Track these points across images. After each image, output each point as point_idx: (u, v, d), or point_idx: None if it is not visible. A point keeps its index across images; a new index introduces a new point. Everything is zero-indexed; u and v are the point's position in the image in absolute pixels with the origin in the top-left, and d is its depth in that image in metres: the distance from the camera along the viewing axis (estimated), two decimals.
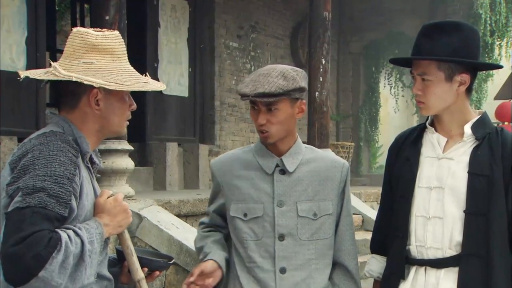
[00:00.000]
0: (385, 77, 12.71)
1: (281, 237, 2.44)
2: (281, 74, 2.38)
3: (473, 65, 2.43)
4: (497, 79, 11.60)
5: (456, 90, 2.41)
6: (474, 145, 2.43)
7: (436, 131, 2.51)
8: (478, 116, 2.48)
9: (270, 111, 2.38)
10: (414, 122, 12.72)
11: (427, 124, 2.55)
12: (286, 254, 2.45)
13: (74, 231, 1.88)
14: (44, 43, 7.05)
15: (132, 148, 5.90)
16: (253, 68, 10.43)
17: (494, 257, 2.36)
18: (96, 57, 2.07)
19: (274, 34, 10.92)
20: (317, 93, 7.34)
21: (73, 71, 2.02)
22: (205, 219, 2.71)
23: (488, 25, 10.95)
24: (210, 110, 9.59)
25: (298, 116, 2.47)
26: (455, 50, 2.37)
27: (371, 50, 12.54)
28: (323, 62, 7.38)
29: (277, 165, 2.48)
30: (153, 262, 2.27)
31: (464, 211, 2.39)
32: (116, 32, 2.15)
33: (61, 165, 1.90)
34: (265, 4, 10.61)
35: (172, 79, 8.75)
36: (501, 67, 2.82)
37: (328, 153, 2.69)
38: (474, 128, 2.44)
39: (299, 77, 2.41)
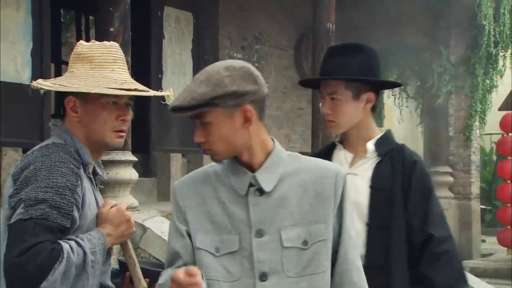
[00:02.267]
0: None
1: (263, 277, 1.86)
2: (207, 78, 1.85)
3: (377, 84, 2.59)
4: (501, 90, 11.59)
5: (363, 108, 2.54)
6: (377, 161, 2.54)
7: (345, 147, 2.62)
8: (381, 134, 2.59)
9: (203, 125, 1.88)
10: (419, 133, 12.70)
11: (336, 141, 2.67)
12: None
13: (76, 242, 1.89)
14: (49, 55, 7.08)
15: (136, 159, 5.92)
16: None
17: (395, 268, 2.45)
18: (78, 66, 2.10)
19: (278, 45, 10.94)
20: (320, 103, 7.35)
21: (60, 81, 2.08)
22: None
23: (492, 36, 10.93)
24: None
25: (246, 126, 1.87)
26: (360, 70, 2.50)
27: None
28: None
29: (251, 184, 1.90)
30: (155, 273, 2.27)
31: (367, 224, 2.48)
32: (108, 43, 2.15)
33: (63, 176, 1.91)
34: (269, 15, 10.64)
35: (177, 90, 8.67)
36: (400, 85, 3.05)
37: (318, 160, 2.02)
38: (377, 145, 2.55)
39: (230, 78, 1.83)
